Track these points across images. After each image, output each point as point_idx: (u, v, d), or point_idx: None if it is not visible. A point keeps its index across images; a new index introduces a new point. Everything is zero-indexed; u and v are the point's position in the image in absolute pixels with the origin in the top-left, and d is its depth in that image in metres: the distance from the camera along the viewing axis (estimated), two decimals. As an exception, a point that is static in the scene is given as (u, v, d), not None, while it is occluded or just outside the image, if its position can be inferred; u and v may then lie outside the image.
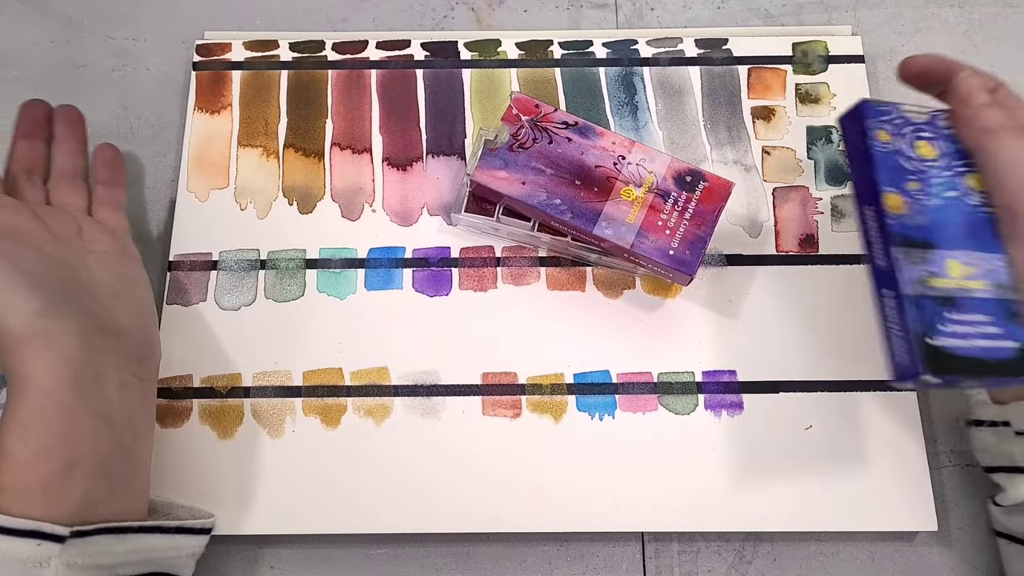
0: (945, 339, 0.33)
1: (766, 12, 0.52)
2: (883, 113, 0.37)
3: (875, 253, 0.35)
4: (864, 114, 0.37)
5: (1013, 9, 0.52)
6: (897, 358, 0.34)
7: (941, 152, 0.37)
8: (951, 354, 0.33)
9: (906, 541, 0.41)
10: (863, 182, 0.36)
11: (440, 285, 0.45)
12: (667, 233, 0.41)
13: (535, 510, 0.40)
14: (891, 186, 0.35)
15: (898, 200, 0.35)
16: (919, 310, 0.33)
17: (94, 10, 0.52)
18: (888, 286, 0.34)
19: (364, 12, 0.52)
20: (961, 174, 0.37)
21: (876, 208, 0.35)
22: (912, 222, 0.35)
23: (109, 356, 0.36)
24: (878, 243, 0.35)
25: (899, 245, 0.34)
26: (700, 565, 0.41)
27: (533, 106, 0.43)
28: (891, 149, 0.36)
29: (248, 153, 0.47)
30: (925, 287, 0.34)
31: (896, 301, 0.34)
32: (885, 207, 0.35)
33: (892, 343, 0.34)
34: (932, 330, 0.33)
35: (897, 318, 0.34)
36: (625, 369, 0.43)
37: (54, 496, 0.33)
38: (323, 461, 0.41)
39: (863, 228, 0.36)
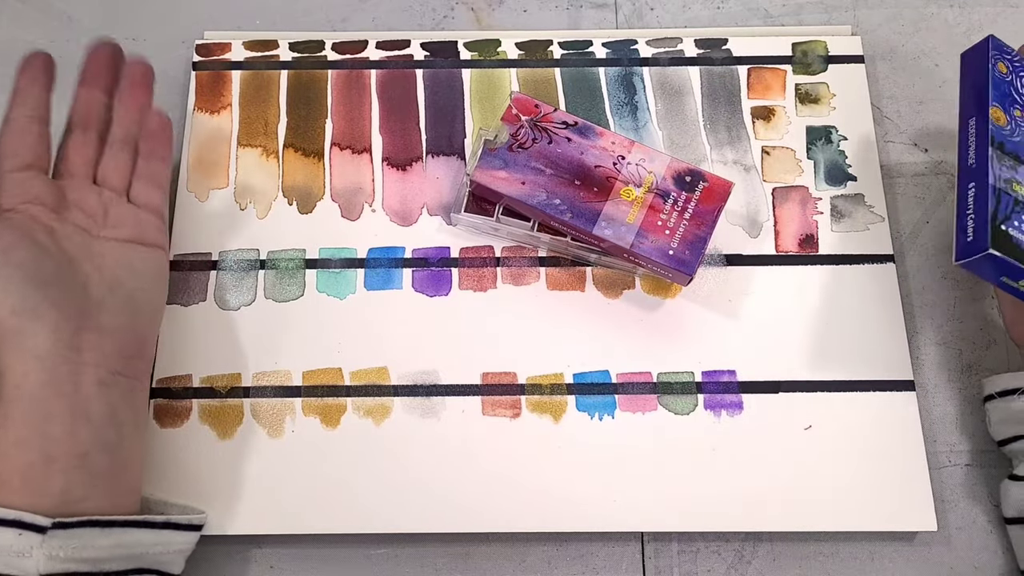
0: (1016, 232, 0.36)
1: (766, 12, 0.52)
2: (1006, 52, 0.41)
3: (968, 156, 0.38)
4: (989, 47, 0.40)
5: (1013, 9, 0.52)
6: (967, 237, 0.36)
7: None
8: (1018, 244, 0.36)
9: (906, 541, 0.41)
10: (973, 100, 0.40)
11: (440, 285, 0.45)
12: (667, 233, 0.41)
13: (535, 510, 0.40)
14: (999, 103, 0.39)
15: (1002, 115, 0.39)
16: (998, 200, 0.36)
17: (94, 10, 0.52)
18: (975, 179, 0.37)
19: (364, 12, 0.52)
20: None
21: (981, 117, 0.38)
22: (1011, 136, 0.38)
23: (88, 355, 0.35)
24: (974, 146, 0.38)
25: (994, 147, 0.38)
26: (700, 565, 0.41)
27: (533, 106, 0.43)
28: (1006, 79, 0.40)
29: (248, 153, 0.47)
30: (1009, 187, 0.37)
31: (978, 190, 0.37)
32: (990, 116, 0.38)
33: (965, 225, 0.37)
34: (1006, 219, 0.36)
35: (975, 205, 0.36)
36: (625, 369, 0.43)
37: (34, 487, 0.33)
38: (323, 461, 0.41)
39: (961, 140, 0.39)
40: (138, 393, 0.38)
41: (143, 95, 0.42)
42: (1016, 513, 0.39)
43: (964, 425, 0.43)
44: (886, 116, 0.49)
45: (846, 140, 0.48)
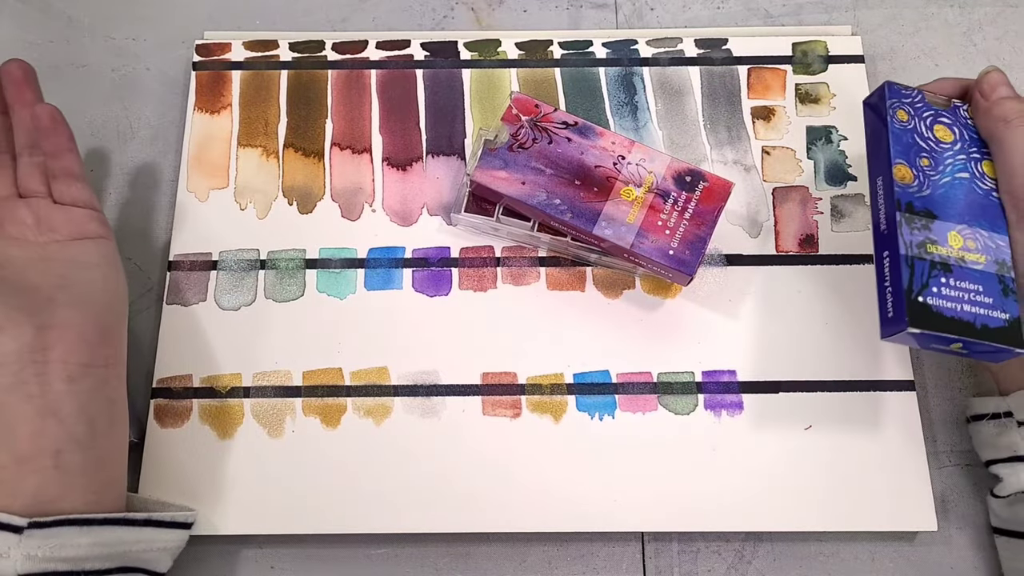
0: (935, 299, 0.35)
1: (766, 12, 0.52)
2: (905, 96, 0.39)
3: (879, 220, 0.37)
4: (887, 95, 0.39)
5: (1013, 9, 0.52)
6: (887, 313, 0.35)
7: (958, 138, 0.39)
8: (939, 313, 0.35)
9: (906, 541, 0.41)
10: (877, 155, 0.38)
11: (440, 285, 0.45)
12: (667, 233, 0.41)
13: (535, 510, 0.40)
14: (902, 158, 0.37)
15: (907, 172, 0.37)
16: (912, 270, 0.35)
17: (94, 10, 0.52)
18: (887, 247, 0.36)
19: (364, 12, 0.52)
20: (976, 160, 0.39)
21: (885, 178, 0.37)
22: (918, 193, 0.37)
23: (52, 352, 0.35)
24: (883, 209, 0.37)
25: (902, 211, 0.36)
26: (700, 565, 0.41)
27: (533, 106, 0.43)
28: (908, 127, 0.38)
29: (248, 153, 0.47)
30: (923, 251, 0.36)
31: (892, 261, 0.36)
32: (894, 176, 0.37)
33: (884, 299, 0.36)
34: (924, 289, 0.35)
35: (890, 276, 0.36)
36: (625, 369, 0.43)
37: (7, 488, 0.33)
38: (323, 461, 0.41)
39: (872, 199, 0.38)
40: (111, 383, 0.37)
41: (27, 93, 0.41)
42: (999, 524, 0.39)
43: (964, 425, 0.43)
44: (886, 116, 0.49)
45: (846, 140, 0.48)
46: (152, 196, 0.47)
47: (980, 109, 0.39)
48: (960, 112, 0.40)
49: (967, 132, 0.39)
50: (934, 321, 0.34)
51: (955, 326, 0.35)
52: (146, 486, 0.41)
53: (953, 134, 0.39)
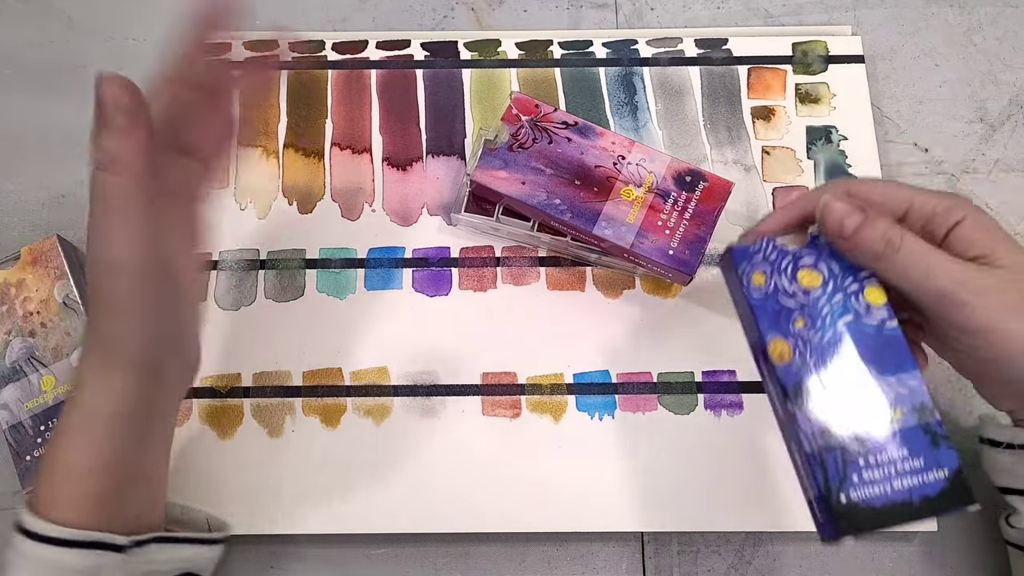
0: (859, 491, 0.30)
1: (766, 12, 0.52)
2: (754, 254, 0.33)
3: (775, 406, 0.33)
4: (734, 261, 0.33)
5: (1013, 9, 0.52)
6: (817, 518, 0.31)
7: (827, 275, 0.33)
8: (868, 507, 0.30)
9: (906, 541, 0.41)
10: (749, 332, 0.34)
11: (440, 285, 0.45)
12: (667, 233, 0.41)
13: (535, 510, 0.40)
14: (773, 333, 0.32)
15: (784, 346, 0.32)
16: (824, 466, 0.30)
17: (94, 10, 0.52)
18: (792, 440, 0.31)
19: (364, 12, 0.52)
20: (856, 294, 0.32)
21: (765, 361, 0.32)
22: (802, 369, 0.32)
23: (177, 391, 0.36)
24: (774, 396, 0.33)
25: (790, 398, 0.31)
26: (700, 565, 0.41)
27: (533, 106, 0.43)
28: (769, 291, 0.33)
29: (248, 153, 0.47)
30: (828, 441, 0.31)
31: (801, 458, 0.31)
32: (772, 358, 0.32)
33: (810, 503, 0.31)
34: (843, 483, 0.30)
35: (805, 477, 0.31)
36: (625, 369, 0.43)
37: (109, 510, 0.33)
38: (323, 461, 0.41)
39: (762, 379, 0.34)
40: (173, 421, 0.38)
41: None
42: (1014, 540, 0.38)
43: (964, 425, 0.43)
44: (886, 116, 0.49)
45: (846, 140, 0.48)
46: (152, 196, 0.47)
47: (843, 249, 0.33)
48: (820, 241, 0.33)
49: (835, 265, 0.33)
50: (867, 520, 0.29)
51: (892, 514, 0.29)
52: (146, 486, 0.41)
53: (821, 274, 0.33)
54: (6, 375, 0.42)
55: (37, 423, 0.41)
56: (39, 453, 0.40)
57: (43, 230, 0.47)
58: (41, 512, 0.32)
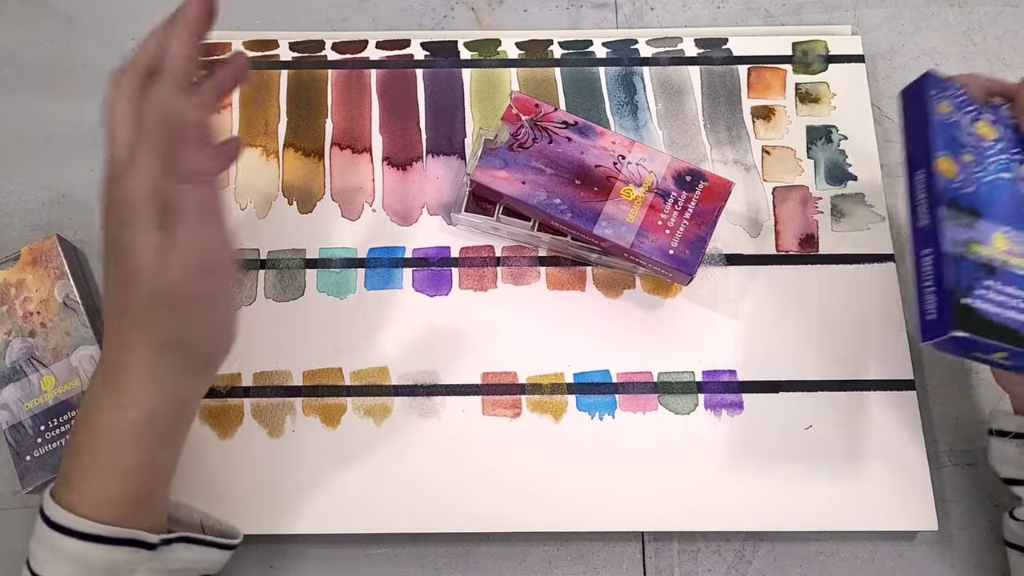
0: (980, 302, 0.32)
1: (766, 12, 0.52)
2: (947, 88, 0.37)
3: (919, 215, 0.35)
4: (928, 85, 0.37)
5: (1013, 9, 0.52)
6: (928, 315, 0.33)
7: (1001, 136, 0.37)
8: (983, 317, 0.32)
9: (906, 541, 0.41)
10: (917, 148, 0.36)
11: (440, 285, 0.44)
12: (667, 233, 0.41)
13: (535, 510, 0.40)
14: (946, 151, 0.35)
15: (951, 166, 0.35)
16: (957, 269, 0.33)
17: (94, 10, 0.52)
18: (929, 244, 0.34)
19: (364, 12, 0.52)
20: (1020, 162, 0.36)
21: (927, 170, 0.35)
22: (963, 189, 0.35)
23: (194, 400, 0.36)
24: (924, 205, 0.35)
25: (946, 206, 0.34)
26: (700, 565, 0.41)
27: (533, 106, 0.43)
28: (950, 121, 0.36)
29: (248, 153, 0.47)
30: (967, 250, 0.33)
31: (934, 259, 0.33)
32: (937, 170, 0.35)
33: (924, 300, 0.33)
34: (968, 291, 0.32)
35: (933, 275, 0.33)
36: (625, 369, 0.43)
37: (145, 509, 0.34)
38: (323, 461, 0.41)
39: (910, 194, 0.36)
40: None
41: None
42: (1013, 540, 0.39)
43: (964, 425, 0.43)
44: (886, 116, 0.49)
45: (846, 140, 0.48)
46: (152, 196, 0.47)
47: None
48: (1001, 112, 0.38)
49: (1010, 132, 0.37)
50: (980, 326, 0.32)
51: (1001, 333, 0.32)
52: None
53: (996, 132, 0.37)
54: (6, 375, 0.42)
55: (37, 423, 0.41)
56: (39, 453, 0.40)
57: (43, 230, 0.47)
58: (73, 507, 0.32)
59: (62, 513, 0.32)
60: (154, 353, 0.32)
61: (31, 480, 0.40)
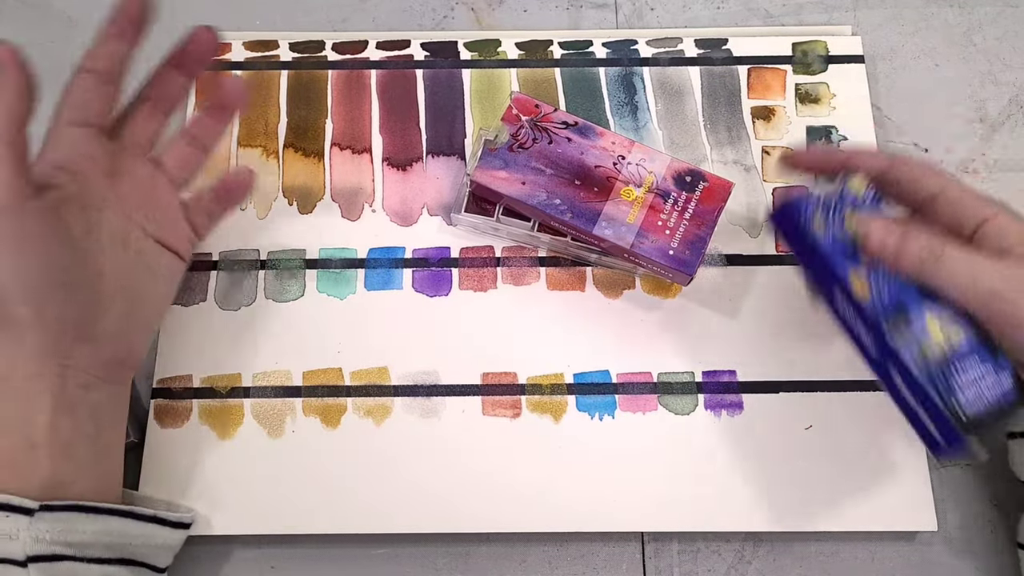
0: (966, 404, 0.32)
1: (766, 12, 0.52)
2: (808, 205, 0.35)
3: (865, 345, 0.34)
4: (795, 214, 0.35)
5: (1013, 9, 0.52)
6: (938, 439, 0.32)
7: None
8: (978, 416, 0.32)
9: (906, 541, 0.41)
10: (820, 277, 0.35)
11: (440, 285, 0.45)
12: (667, 233, 0.41)
13: (535, 510, 0.40)
14: (849, 267, 0.33)
15: (862, 283, 0.33)
16: (935, 386, 0.32)
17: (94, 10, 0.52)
18: (895, 372, 0.33)
19: (364, 12, 0.52)
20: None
21: (848, 299, 0.33)
22: (880, 298, 0.33)
23: (78, 360, 0.35)
24: (864, 334, 0.33)
25: (889, 329, 0.32)
26: (700, 565, 0.41)
27: (533, 106, 0.43)
28: (830, 236, 0.34)
29: (248, 153, 0.47)
30: (926, 361, 0.32)
31: (910, 387, 0.32)
32: (855, 294, 0.33)
33: (922, 426, 0.33)
34: (954, 401, 0.32)
35: (918, 402, 0.32)
36: (625, 369, 0.43)
37: (20, 471, 0.33)
38: (323, 461, 0.41)
39: (845, 328, 0.34)
40: (121, 394, 0.38)
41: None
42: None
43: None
44: (886, 116, 0.49)
45: (846, 140, 0.48)
46: (152, 196, 0.47)
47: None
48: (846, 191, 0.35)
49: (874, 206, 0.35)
50: (981, 425, 0.32)
51: (994, 417, 0.32)
52: (146, 486, 0.41)
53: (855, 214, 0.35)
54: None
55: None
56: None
57: (43, 230, 0.47)
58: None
59: None
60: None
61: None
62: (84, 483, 0.35)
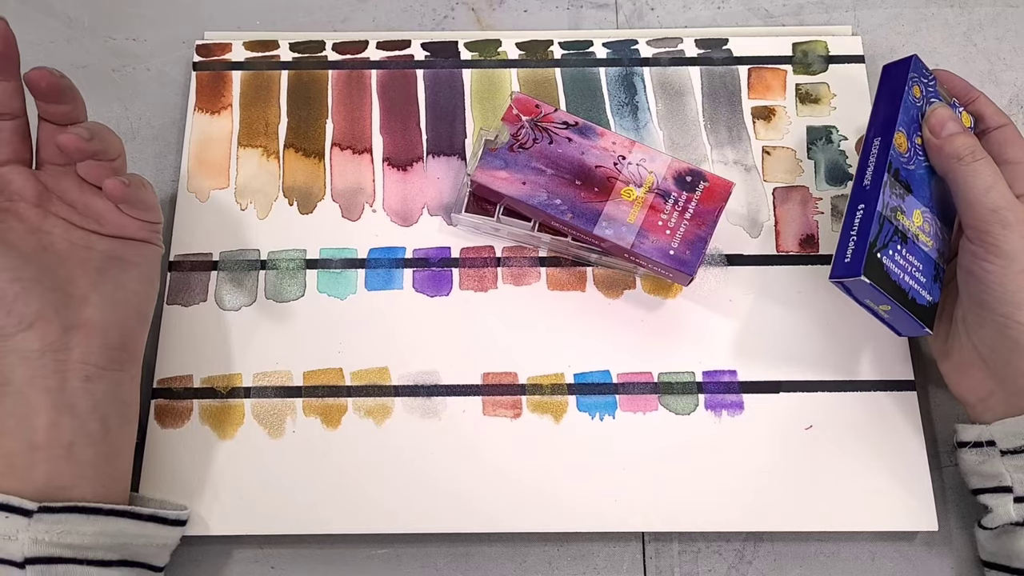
0: (889, 260, 0.37)
1: (766, 12, 0.52)
2: (925, 74, 0.41)
3: (865, 175, 0.39)
4: (910, 68, 0.40)
5: (1013, 9, 0.52)
6: (844, 259, 0.38)
7: None
8: (887, 273, 0.37)
9: (906, 541, 0.41)
10: (883, 118, 0.40)
11: (440, 285, 0.45)
12: (667, 233, 0.41)
13: (535, 510, 0.40)
14: (904, 129, 0.39)
15: (904, 142, 0.39)
16: (881, 228, 0.37)
17: (94, 10, 0.52)
18: (865, 201, 0.38)
19: (364, 12, 0.52)
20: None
21: (884, 140, 0.39)
22: (906, 165, 0.39)
23: (73, 352, 0.35)
24: (871, 167, 0.39)
25: (890, 174, 0.38)
26: (700, 565, 0.41)
27: (533, 106, 0.43)
28: (916, 104, 0.40)
29: (248, 153, 0.47)
30: (893, 216, 0.38)
31: (865, 214, 0.38)
32: (894, 142, 0.38)
33: (845, 246, 0.38)
34: (883, 248, 0.37)
35: (859, 227, 0.38)
36: (625, 369, 0.43)
37: (20, 473, 0.34)
38: (323, 461, 0.41)
39: (863, 155, 0.40)
40: (125, 385, 0.38)
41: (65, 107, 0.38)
42: (988, 557, 0.39)
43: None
44: (886, 116, 0.49)
45: (847, 140, 0.48)
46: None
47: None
48: (956, 112, 0.41)
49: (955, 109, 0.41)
50: (882, 278, 0.37)
51: (894, 289, 0.37)
52: (146, 486, 0.41)
53: None
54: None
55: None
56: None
57: (43, 230, 0.47)
58: None
59: None
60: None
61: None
62: (88, 486, 0.35)
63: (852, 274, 0.37)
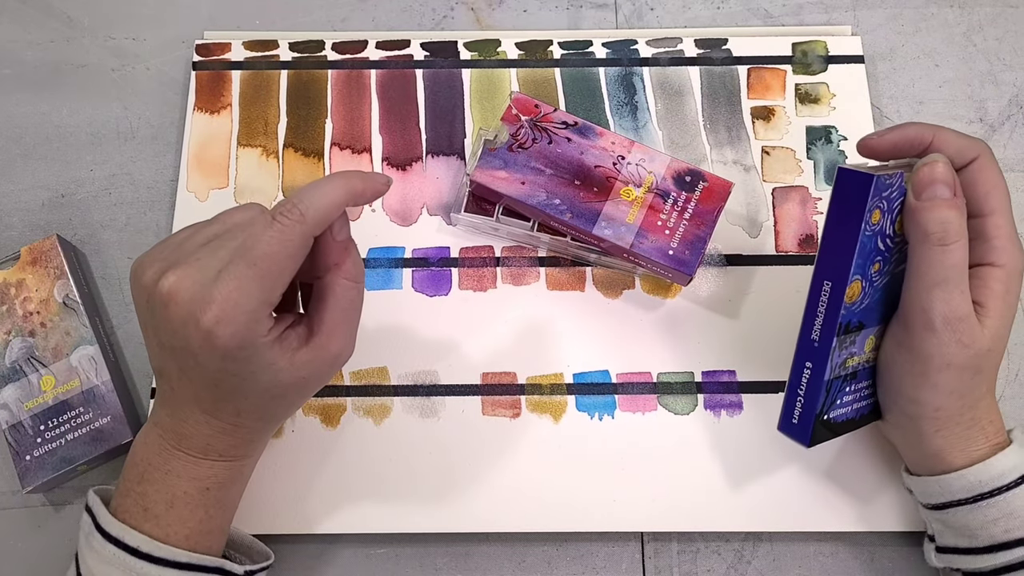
0: (836, 411, 0.35)
1: (766, 12, 0.52)
2: (886, 188, 0.33)
3: (814, 325, 0.34)
4: (867, 193, 0.32)
5: (1013, 9, 0.52)
6: (792, 419, 0.35)
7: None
8: (834, 423, 0.35)
9: (906, 541, 0.41)
10: (835, 259, 0.33)
11: (440, 285, 0.45)
12: (667, 233, 0.41)
13: (535, 510, 0.40)
14: (859, 273, 0.33)
15: (857, 288, 0.34)
16: (828, 393, 0.35)
17: (94, 10, 0.52)
18: (812, 360, 0.34)
19: (364, 12, 0.52)
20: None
21: (836, 288, 0.33)
22: (858, 308, 0.34)
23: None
24: (821, 320, 0.34)
25: (840, 335, 0.34)
26: (699, 565, 0.41)
27: (533, 106, 0.43)
28: (876, 230, 0.33)
29: (248, 153, 0.47)
30: (843, 369, 0.35)
31: (811, 377, 0.34)
32: (845, 295, 0.33)
33: (791, 402, 0.35)
34: (831, 407, 0.35)
35: (805, 391, 0.35)
36: (625, 369, 0.43)
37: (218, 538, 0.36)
38: (323, 461, 0.41)
39: (812, 293, 0.34)
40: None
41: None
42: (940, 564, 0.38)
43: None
44: (886, 116, 0.49)
45: (846, 140, 0.48)
46: (152, 196, 0.47)
47: (909, 207, 0.33)
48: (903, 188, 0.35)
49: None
50: (830, 432, 0.35)
51: (843, 427, 0.36)
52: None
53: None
54: (6, 375, 0.42)
55: (37, 423, 0.41)
56: (39, 453, 0.40)
57: (43, 230, 0.47)
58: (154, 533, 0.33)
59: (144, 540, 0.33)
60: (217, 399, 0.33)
61: (31, 480, 0.40)
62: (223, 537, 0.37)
63: (799, 440, 0.35)
